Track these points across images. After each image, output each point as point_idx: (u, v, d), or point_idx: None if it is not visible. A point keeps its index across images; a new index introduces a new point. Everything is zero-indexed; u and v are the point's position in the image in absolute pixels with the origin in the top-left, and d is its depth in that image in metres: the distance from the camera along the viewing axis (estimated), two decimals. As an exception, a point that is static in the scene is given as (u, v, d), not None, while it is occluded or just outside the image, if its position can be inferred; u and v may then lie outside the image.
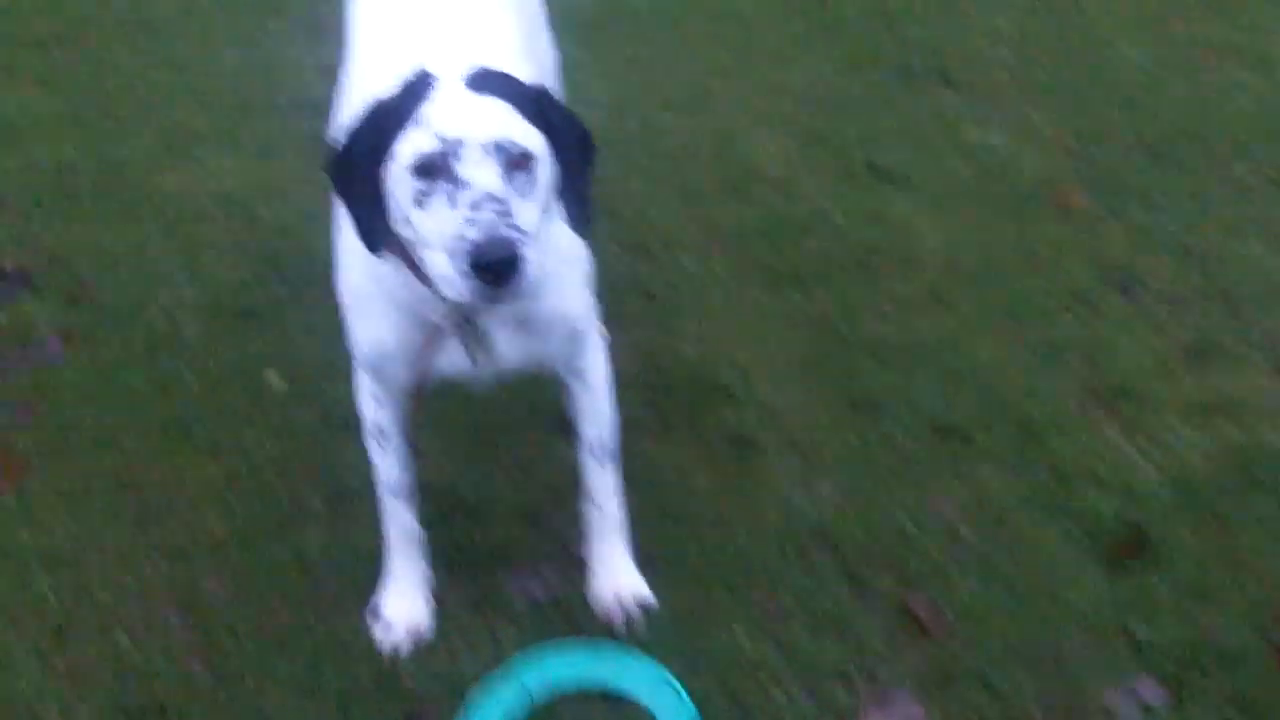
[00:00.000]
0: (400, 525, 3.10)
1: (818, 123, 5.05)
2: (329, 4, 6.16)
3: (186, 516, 3.44)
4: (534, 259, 2.34)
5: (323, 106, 5.21)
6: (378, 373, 2.89)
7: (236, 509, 3.45)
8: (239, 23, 6.28)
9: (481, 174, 2.36)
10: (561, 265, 2.75)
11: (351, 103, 2.94)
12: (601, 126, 4.92)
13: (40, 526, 3.43)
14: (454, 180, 2.36)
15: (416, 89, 2.46)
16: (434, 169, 2.37)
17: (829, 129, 4.99)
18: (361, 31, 3.24)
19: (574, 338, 2.88)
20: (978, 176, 4.64)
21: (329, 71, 5.48)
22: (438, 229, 2.36)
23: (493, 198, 2.34)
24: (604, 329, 3.62)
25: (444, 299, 2.50)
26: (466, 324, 2.68)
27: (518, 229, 2.33)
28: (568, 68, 3.68)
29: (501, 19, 3.19)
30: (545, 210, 2.50)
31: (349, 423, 3.47)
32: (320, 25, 5.87)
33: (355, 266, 2.75)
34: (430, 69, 2.50)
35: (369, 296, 2.75)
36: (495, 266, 2.30)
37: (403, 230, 2.46)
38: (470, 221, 2.32)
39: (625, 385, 3.22)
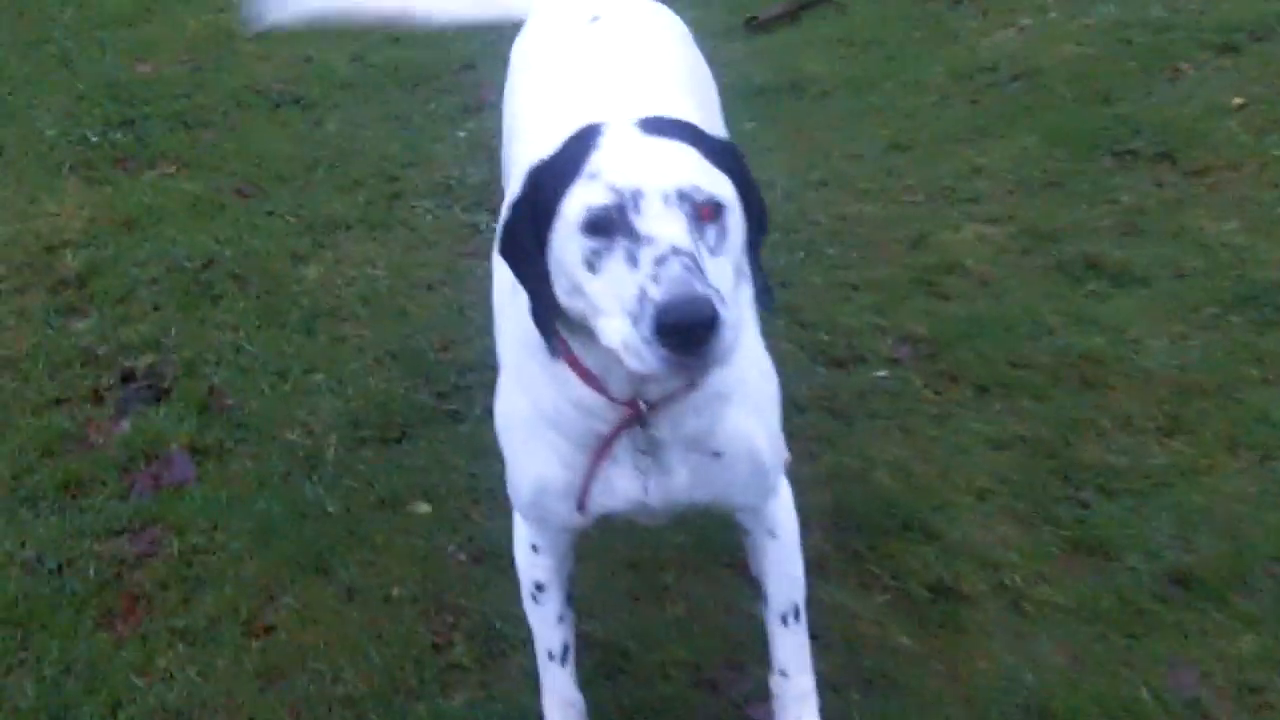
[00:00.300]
0: (558, 693, 2.85)
1: (1024, 210, 4.72)
2: (482, 76, 6.09)
3: (318, 668, 3.23)
4: (730, 321, 2.06)
5: (476, 191, 5.13)
6: (539, 516, 2.65)
7: (374, 660, 3.23)
8: (390, 100, 6.17)
9: (665, 226, 2.09)
10: (751, 379, 2.51)
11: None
12: (778, 211, 4.75)
13: (157, 674, 3.26)
14: (633, 235, 2.09)
15: (582, 140, 2.23)
16: (608, 225, 2.11)
17: (1038, 217, 4.66)
18: (523, 121, 3.01)
19: (759, 474, 2.60)
20: (1212, 273, 4.25)
21: (482, 151, 5.43)
22: (615, 292, 2.09)
23: (679, 251, 2.06)
24: (788, 455, 3.36)
25: (614, 399, 2.32)
26: (640, 433, 2.42)
27: (710, 286, 2.05)
28: (739, 141, 3.40)
29: (677, 103, 2.96)
30: (738, 271, 2.25)
31: (498, 555, 3.30)
32: (474, 101, 5.79)
33: (514, 387, 2.53)
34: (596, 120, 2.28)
35: (529, 425, 2.51)
36: (687, 329, 2.02)
37: (572, 303, 2.20)
38: (654, 278, 2.04)
39: (812, 520, 2.95)
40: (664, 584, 3.36)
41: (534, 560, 2.76)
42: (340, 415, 4.03)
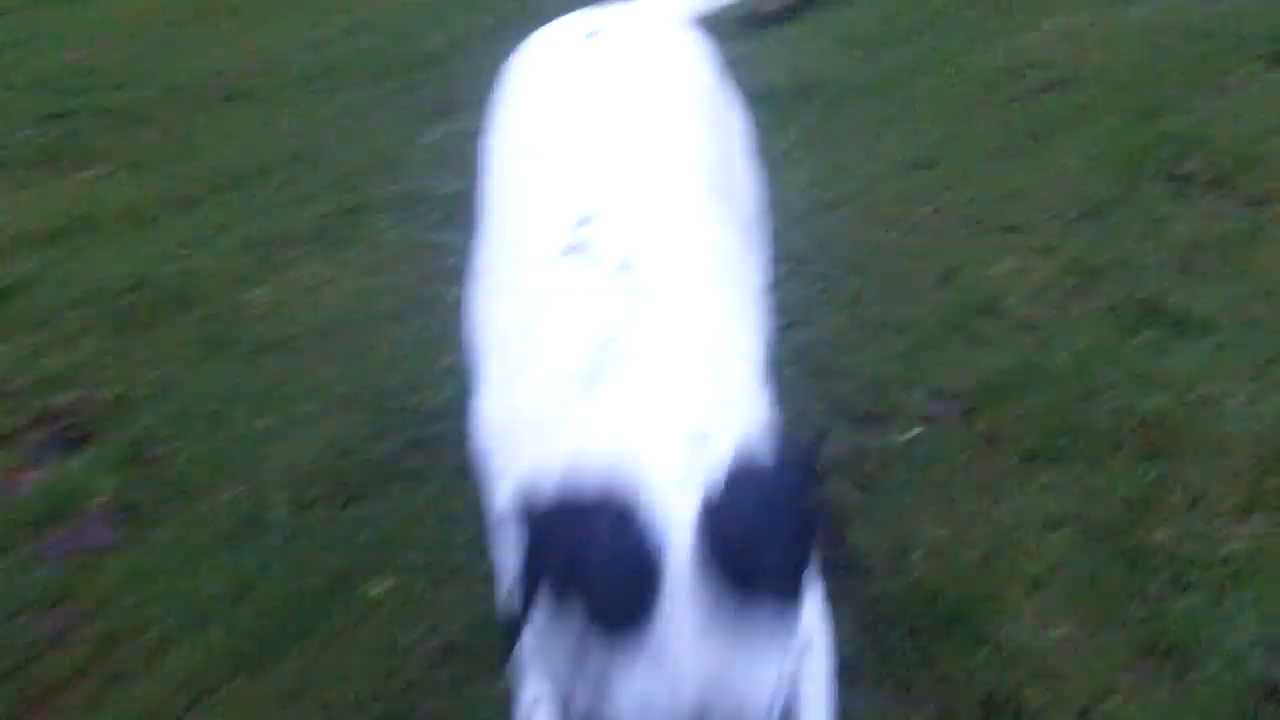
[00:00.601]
0: None
1: (1068, 241, 4.36)
2: (451, 72, 5.72)
3: (257, 792, 2.83)
4: None
5: (447, 204, 4.75)
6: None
7: (324, 783, 2.84)
8: (351, 97, 5.79)
9: None
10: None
11: (497, 258, 2.35)
12: (788, 236, 4.37)
13: (66, 794, 2.85)
14: None
15: (625, 535, 1.69)
16: None
17: (1083, 249, 4.29)
18: (503, 159, 2.62)
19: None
20: (1289, 322, 3.89)
21: (452, 158, 5.05)
22: None
23: None
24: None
25: None
26: None
27: None
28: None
29: (689, 136, 2.58)
30: None
31: (468, 649, 3.00)
32: (443, 100, 5.43)
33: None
34: (640, 483, 1.72)
35: None
36: None
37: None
38: None
39: (840, 611, 2.57)
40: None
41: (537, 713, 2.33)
42: (288, 470, 3.64)
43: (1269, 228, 4.37)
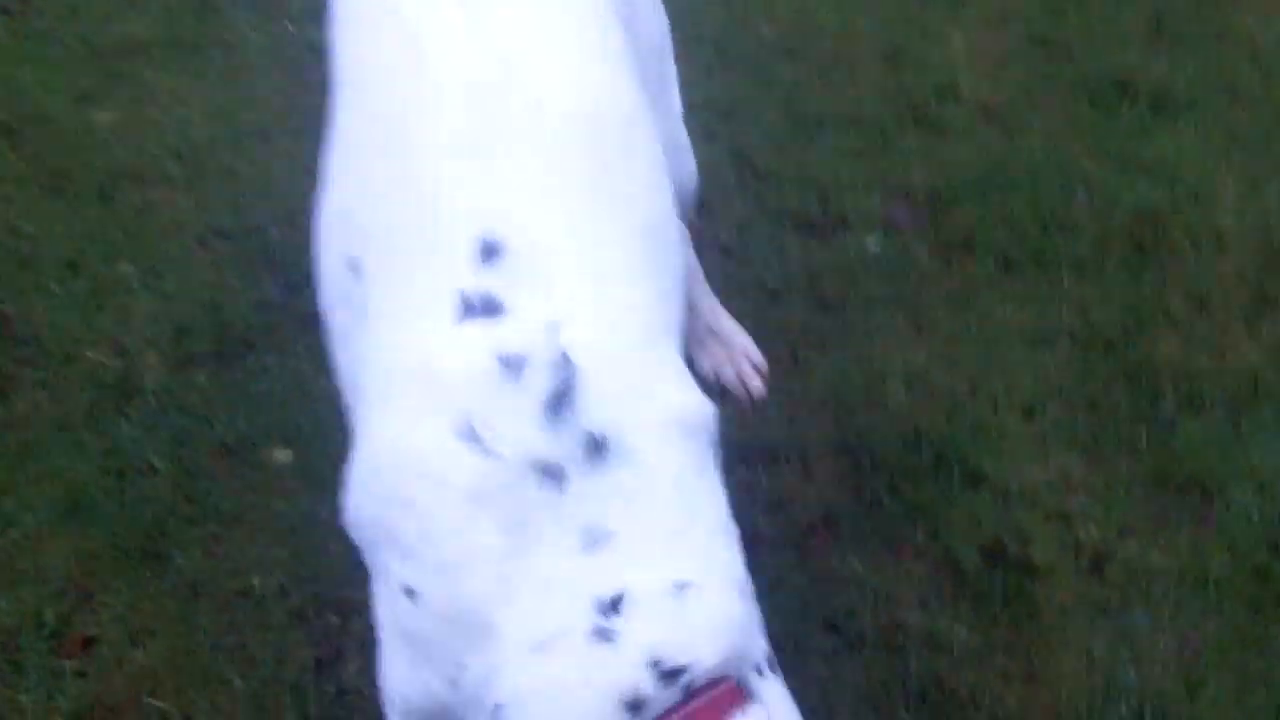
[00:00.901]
0: None
1: (1021, 9, 4.09)
2: None
3: (158, 704, 2.58)
4: None
5: (315, 5, 4.37)
6: None
7: (236, 687, 2.61)
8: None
9: None
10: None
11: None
12: (704, 20, 4.08)
13: (-68, 718, 2.59)
14: None
15: None
16: None
17: (1041, 19, 4.04)
18: (350, 82, 1.99)
19: None
20: (1273, 92, 3.68)
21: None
22: None
23: None
24: (763, 364, 2.80)
25: None
26: None
27: None
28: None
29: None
30: None
31: None
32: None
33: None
34: None
35: None
36: None
37: None
38: None
39: (811, 454, 2.38)
40: None
41: None
42: (159, 323, 3.34)
43: (1249, -11, 4.14)
